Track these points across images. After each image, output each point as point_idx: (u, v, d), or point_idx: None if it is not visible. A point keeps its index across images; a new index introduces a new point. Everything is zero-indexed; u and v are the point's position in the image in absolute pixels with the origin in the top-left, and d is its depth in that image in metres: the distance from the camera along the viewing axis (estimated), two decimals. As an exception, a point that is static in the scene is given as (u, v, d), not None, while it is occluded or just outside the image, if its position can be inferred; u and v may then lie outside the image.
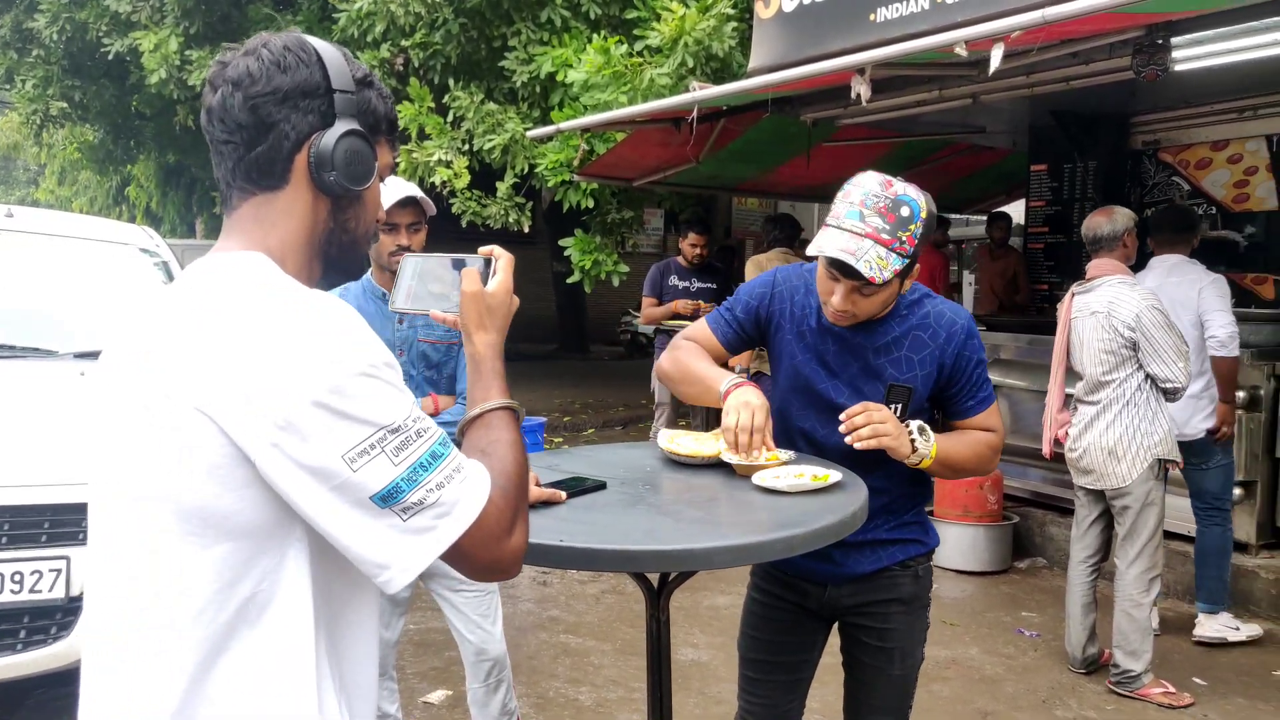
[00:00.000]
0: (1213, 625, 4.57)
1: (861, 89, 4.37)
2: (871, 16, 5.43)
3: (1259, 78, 5.90)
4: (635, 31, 8.00)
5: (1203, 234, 5.61)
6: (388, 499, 1.04)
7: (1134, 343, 3.76)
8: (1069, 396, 4.11)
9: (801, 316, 2.21)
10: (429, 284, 1.42)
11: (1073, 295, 4.01)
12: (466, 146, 8.77)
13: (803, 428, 2.23)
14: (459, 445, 1.28)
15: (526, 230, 9.22)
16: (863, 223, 1.96)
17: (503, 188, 8.84)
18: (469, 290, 1.34)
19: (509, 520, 1.15)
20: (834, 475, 1.92)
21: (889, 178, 2.02)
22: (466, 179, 8.62)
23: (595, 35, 7.96)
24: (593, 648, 4.35)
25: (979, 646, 4.37)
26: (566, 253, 8.57)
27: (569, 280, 8.73)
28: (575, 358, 16.05)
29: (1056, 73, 5.24)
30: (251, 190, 1.17)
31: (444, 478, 1.08)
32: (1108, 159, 7.19)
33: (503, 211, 8.91)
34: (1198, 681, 4.01)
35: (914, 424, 2.06)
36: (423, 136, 8.82)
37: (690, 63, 7.46)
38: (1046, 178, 7.46)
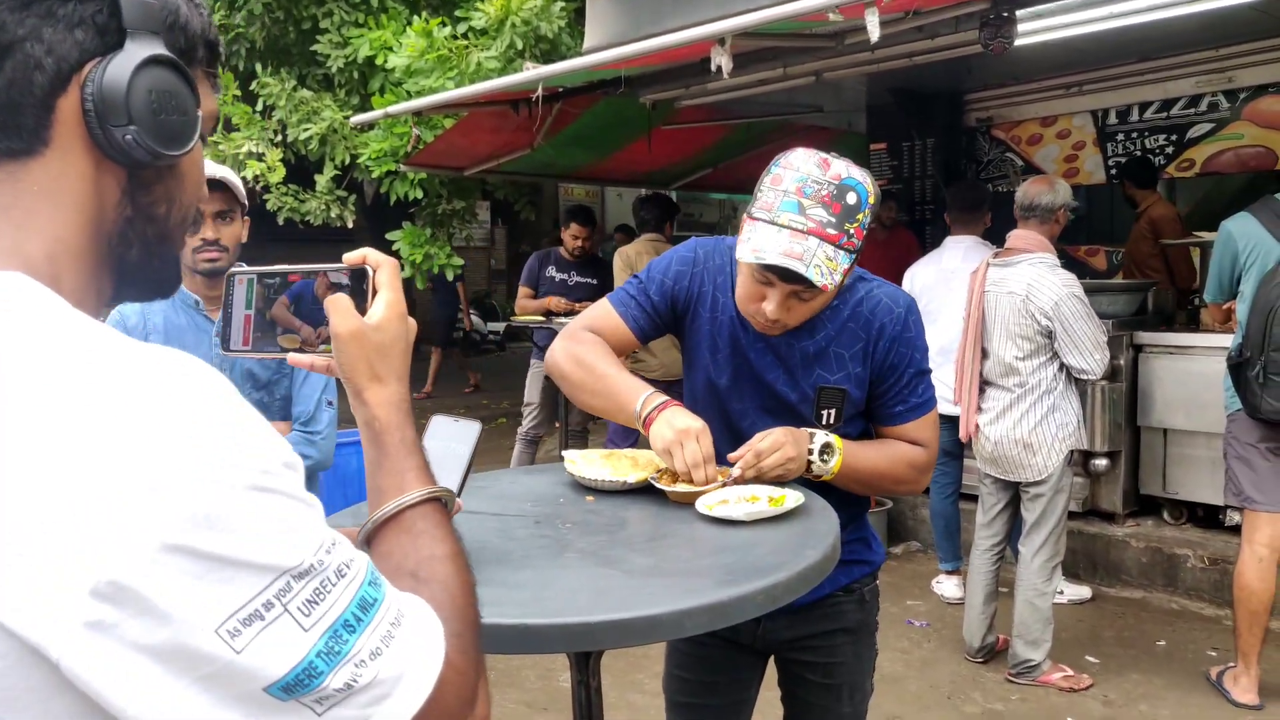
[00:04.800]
0: (950, 584, 4.66)
1: (723, 60, 4.09)
2: (712, -9, 5.21)
3: (1086, 53, 6.00)
4: (458, 13, 7.55)
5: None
6: (295, 687, 0.62)
7: (1050, 331, 3.57)
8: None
9: (722, 305, 1.86)
10: (272, 313, 1.00)
11: (988, 265, 3.78)
12: (280, 138, 8.09)
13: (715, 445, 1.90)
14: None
15: (350, 225, 8.59)
16: (804, 216, 1.61)
17: (322, 181, 8.20)
18: (345, 328, 0.91)
19: (472, 685, 0.76)
20: (790, 495, 1.61)
21: (824, 155, 1.67)
22: (282, 172, 7.95)
23: (416, 17, 7.45)
24: (495, 698, 3.92)
25: (871, 642, 4.20)
26: (395, 247, 8.01)
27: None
28: (405, 359, 15.35)
29: (901, 47, 5.12)
30: None
31: (380, 639, 0.67)
32: (944, 136, 7.24)
33: (323, 206, 8.27)
34: (1090, 660, 3.96)
35: (819, 440, 1.74)
36: (229, 127, 8.08)
37: (519, 45, 7.09)
38: (886, 156, 7.44)
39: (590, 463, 1.82)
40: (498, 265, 18.87)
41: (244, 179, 7.88)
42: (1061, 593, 4.59)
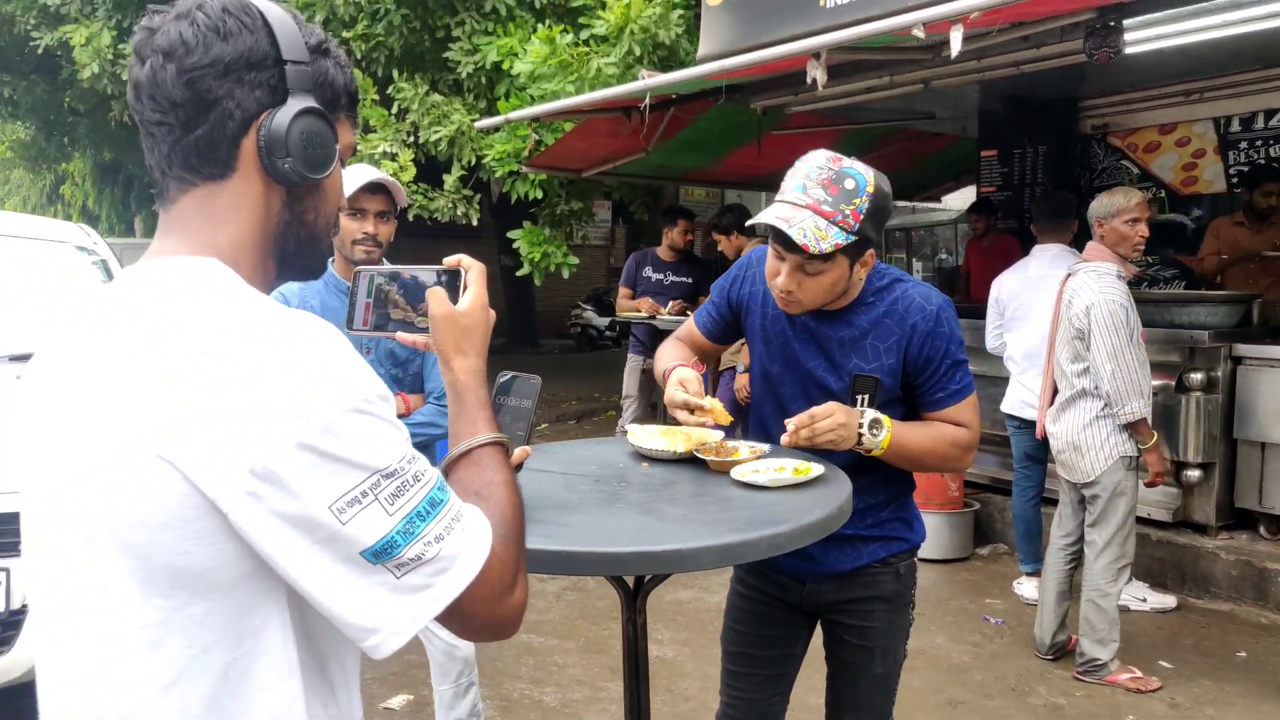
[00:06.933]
0: (1030, 586, 4.67)
1: (818, 74, 4.30)
2: (822, 2, 5.38)
3: (1206, 60, 5.94)
4: (581, 20, 7.89)
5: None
6: (381, 554, 0.92)
7: (1084, 335, 3.68)
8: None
9: (774, 301, 2.13)
10: (389, 302, 1.32)
11: (1069, 275, 3.89)
12: (412, 139, 8.59)
13: (767, 426, 2.17)
14: None
15: (475, 223, 9.06)
16: (805, 194, 1.92)
17: (450, 180, 8.68)
18: (440, 313, 1.22)
19: (512, 574, 1.04)
20: (815, 468, 1.84)
21: (839, 155, 1.97)
22: (413, 172, 8.45)
23: (541, 24, 7.83)
24: (555, 646, 4.25)
25: (945, 635, 4.34)
26: (515, 245, 8.43)
27: (519, 273, 8.59)
28: (525, 351, 15.88)
29: (1007, 56, 5.22)
30: (192, 180, 1.02)
31: (443, 528, 0.96)
32: (1057, 144, 7.22)
33: (450, 204, 8.74)
34: (1164, 664, 4.02)
35: (869, 416, 1.98)
36: (367, 129, 8.63)
37: (637, 51, 7.38)
38: (997, 163, 7.47)
39: (649, 435, 2.10)
40: (616, 263, 19.28)
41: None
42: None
